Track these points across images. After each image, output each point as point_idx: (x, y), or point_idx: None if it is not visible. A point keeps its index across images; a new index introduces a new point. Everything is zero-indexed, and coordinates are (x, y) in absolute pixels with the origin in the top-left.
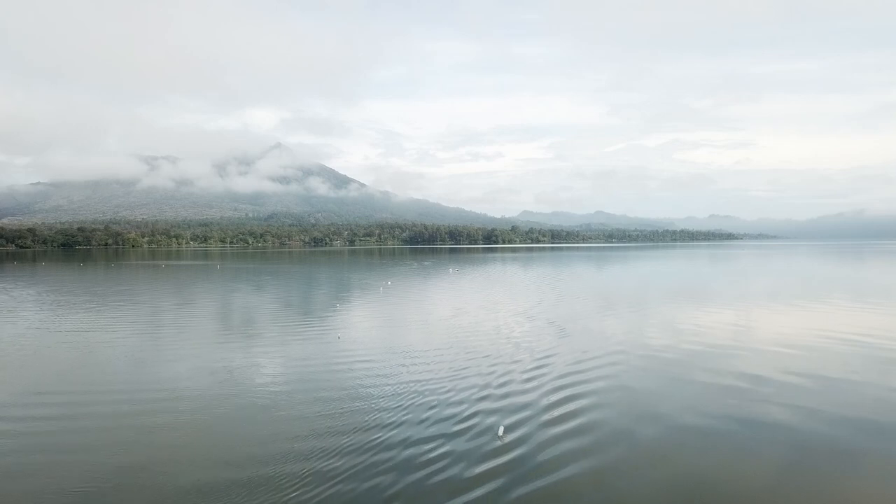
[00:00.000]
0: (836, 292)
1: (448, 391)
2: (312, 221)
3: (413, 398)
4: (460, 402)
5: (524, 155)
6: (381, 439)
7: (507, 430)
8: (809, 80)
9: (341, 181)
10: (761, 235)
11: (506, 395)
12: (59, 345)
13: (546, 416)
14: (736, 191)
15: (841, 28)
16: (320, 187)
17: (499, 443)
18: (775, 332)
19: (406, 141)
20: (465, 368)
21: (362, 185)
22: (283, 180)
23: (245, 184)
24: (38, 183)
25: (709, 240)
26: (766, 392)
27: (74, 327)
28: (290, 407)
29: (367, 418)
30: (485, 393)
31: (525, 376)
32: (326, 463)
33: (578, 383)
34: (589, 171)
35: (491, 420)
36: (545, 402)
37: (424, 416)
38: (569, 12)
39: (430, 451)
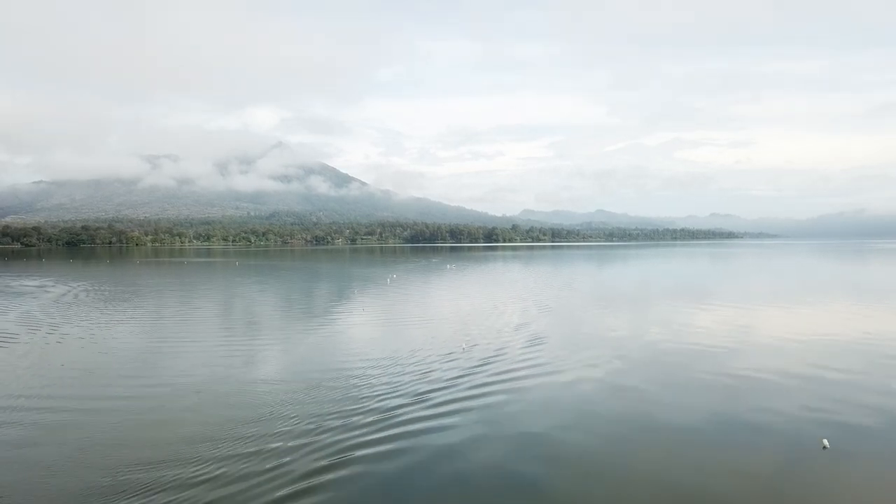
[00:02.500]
0: (834, 290)
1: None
2: (314, 220)
3: (422, 346)
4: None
5: (525, 154)
6: (399, 376)
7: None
8: (809, 80)
9: (342, 180)
10: (762, 234)
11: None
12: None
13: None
14: (737, 190)
15: (841, 28)
16: (321, 186)
17: (463, 348)
18: (768, 328)
19: (406, 140)
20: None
21: (363, 183)
22: (285, 179)
23: (246, 183)
24: (41, 182)
25: (709, 239)
26: (763, 390)
27: (151, 313)
28: (341, 358)
29: (389, 361)
30: (480, 345)
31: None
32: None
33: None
34: (589, 170)
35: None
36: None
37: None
38: (569, 12)
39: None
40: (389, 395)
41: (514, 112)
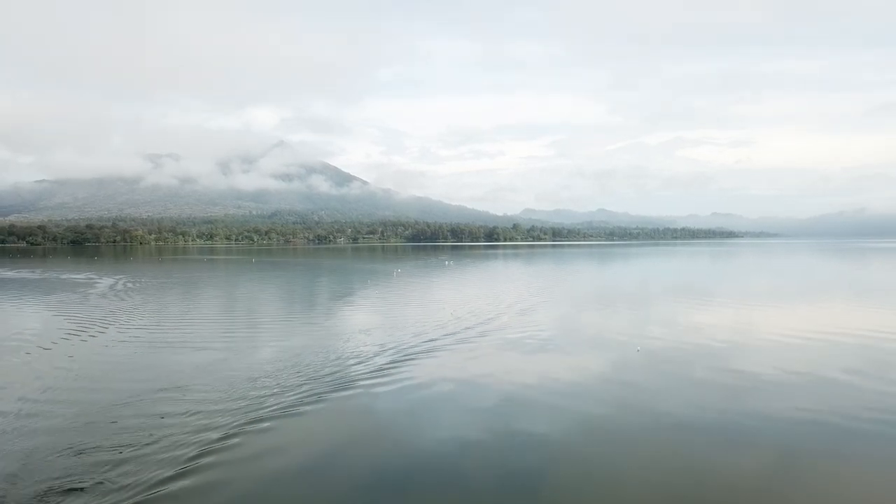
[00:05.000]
0: (834, 288)
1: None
2: (316, 219)
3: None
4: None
5: (526, 153)
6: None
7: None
8: (809, 80)
9: (343, 179)
10: (762, 233)
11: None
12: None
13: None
14: (737, 189)
15: (841, 28)
16: (322, 185)
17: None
18: (768, 326)
19: (407, 139)
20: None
21: (364, 182)
22: (286, 178)
23: (248, 181)
24: (43, 181)
25: (710, 238)
26: (760, 388)
27: (202, 308)
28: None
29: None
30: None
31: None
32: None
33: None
34: (590, 170)
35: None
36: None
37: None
38: (569, 11)
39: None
40: (384, 379)
41: (514, 111)
